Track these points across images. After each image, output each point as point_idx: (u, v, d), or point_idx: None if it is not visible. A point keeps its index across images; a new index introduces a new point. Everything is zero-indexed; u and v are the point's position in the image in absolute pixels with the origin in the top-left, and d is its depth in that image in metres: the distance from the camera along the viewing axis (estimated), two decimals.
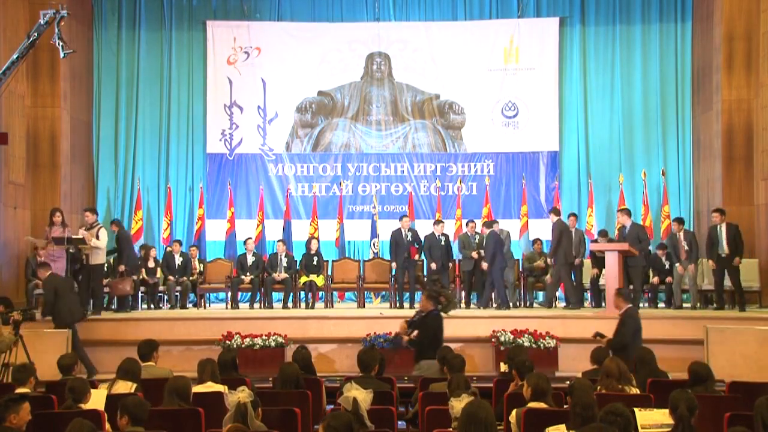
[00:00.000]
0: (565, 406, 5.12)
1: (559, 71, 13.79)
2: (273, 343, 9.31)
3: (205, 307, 12.26)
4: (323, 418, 4.27)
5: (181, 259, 12.01)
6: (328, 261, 12.17)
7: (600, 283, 11.28)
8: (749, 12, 12.00)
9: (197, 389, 5.72)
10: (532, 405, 4.88)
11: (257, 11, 14.07)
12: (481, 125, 13.87)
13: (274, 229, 13.43)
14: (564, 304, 11.96)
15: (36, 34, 8.61)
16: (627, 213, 11.14)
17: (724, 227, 10.77)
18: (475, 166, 13.85)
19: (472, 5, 14.04)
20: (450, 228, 12.70)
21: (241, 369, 7.42)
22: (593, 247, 11.63)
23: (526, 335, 9.34)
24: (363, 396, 4.78)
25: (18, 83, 11.15)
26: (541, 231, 13.11)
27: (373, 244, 13.22)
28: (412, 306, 11.34)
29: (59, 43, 8.63)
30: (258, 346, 9.27)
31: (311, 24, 14.04)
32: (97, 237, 10.17)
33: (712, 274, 10.97)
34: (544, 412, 4.82)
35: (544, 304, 11.45)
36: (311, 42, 13.96)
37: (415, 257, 11.54)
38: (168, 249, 12.39)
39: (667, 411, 4.38)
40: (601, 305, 11.21)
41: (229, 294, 11.83)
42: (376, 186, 13.81)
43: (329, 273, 11.94)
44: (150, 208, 13.82)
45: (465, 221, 12.27)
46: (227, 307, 11.89)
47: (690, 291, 11.24)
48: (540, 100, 13.76)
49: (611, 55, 13.82)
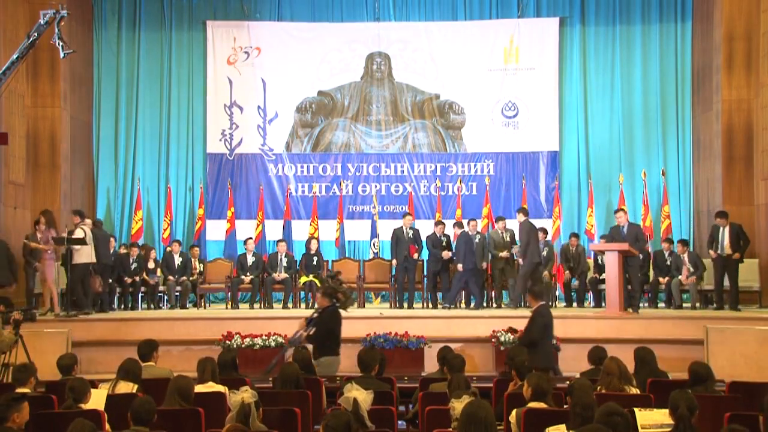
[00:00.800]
0: (565, 406, 5.12)
1: (559, 71, 13.79)
2: (273, 343, 9.30)
3: (205, 307, 12.27)
4: (323, 417, 4.27)
5: (181, 260, 12.01)
6: (328, 261, 12.18)
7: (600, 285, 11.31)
8: (749, 12, 12.00)
9: (197, 389, 5.71)
10: (532, 405, 4.88)
11: (257, 11, 14.07)
12: (481, 125, 13.87)
13: (274, 229, 13.43)
14: (564, 304, 12.00)
15: (36, 34, 8.61)
16: (624, 213, 11.14)
17: (727, 228, 10.83)
18: (475, 166, 13.85)
19: (472, 5, 14.04)
20: (450, 228, 12.69)
21: (241, 369, 7.42)
22: (593, 247, 11.65)
23: None
24: (363, 396, 4.78)
25: (18, 83, 11.15)
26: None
27: (373, 244, 13.23)
28: (411, 306, 11.36)
29: (59, 43, 8.63)
30: (258, 346, 9.26)
31: (311, 24, 14.04)
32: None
33: (713, 270, 10.99)
34: (544, 412, 4.82)
35: (509, 304, 11.16)
36: (311, 42, 13.97)
37: (415, 256, 11.53)
38: (168, 249, 12.39)
39: (667, 411, 4.38)
40: (601, 305, 11.21)
41: (229, 294, 11.84)
42: (376, 186, 13.81)
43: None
44: (150, 208, 13.83)
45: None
46: (227, 307, 11.89)
47: (690, 291, 11.25)
48: (540, 100, 13.76)
49: (611, 55, 13.82)
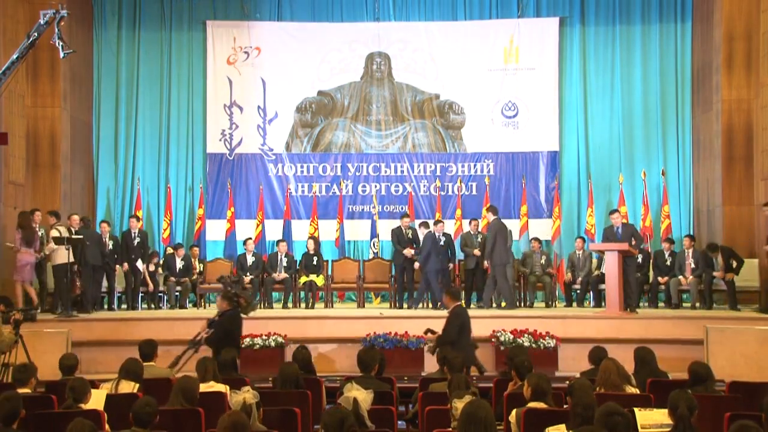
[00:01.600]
0: (565, 406, 5.12)
1: (559, 71, 13.79)
2: (273, 343, 9.31)
3: (205, 307, 12.26)
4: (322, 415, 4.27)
5: (183, 263, 11.99)
6: (328, 261, 12.18)
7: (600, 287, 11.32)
8: (749, 12, 12.00)
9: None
10: (532, 405, 4.88)
11: (257, 11, 14.06)
12: (481, 125, 13.86)
13: (274, 229, 13.43)
14: (565, 303, 12.01)
15: (36, 34, 8.60)
16: (619, 214, 11.15)
17: (719, 257, 11.06)
18: (475, 166, 13.85)
19: (472, 5, 14.04)
20: (450, 228, 12.72)
21: (241, 369, 7.43)
22: (593, 247, 11.66)
23: (526, 335, 9.34)
24: (363, 396, 4.79)
25: (18, 83, 11.15)
26: (542, 231, 13.14)
27: (373, 244, 13.22)
28: (411, 306, 11.35)
29: (59, 43, 8.63)
30: (258, 346, 9.27)
31: (311, 24, 14.04)
32: (49, 239, 10.37)
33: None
34: (544, 412, 4.82)
35: (483, 305, 11.11)
36: (311, 42, 13.96)
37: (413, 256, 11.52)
38: (169, 251, 12.39)
39: (667, 411, 4.38)
40: (601, 305, 11.22)
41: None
42: (376, 186, 13.80)
43: (329, 273, 11.95)
44: (150, 208, 13.82)
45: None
46: None
47: (690, 291, 11.26)
48: (540, 100, 13.75)
49: (611, 55, 13.81)
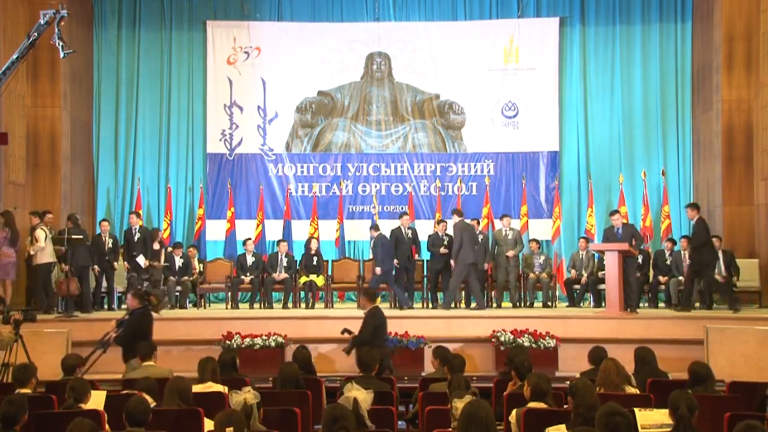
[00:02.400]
0: (565, 406, 5.12)
1: (559, 71, 13.79)
2: (273, 343, 9.31)
3: (205, 307, 12.27)
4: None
5: (183, 261, 11.99)
6: (328, 261, 12.18)
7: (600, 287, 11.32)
8: (749, 12, 12.01)
9: (197, 389, 5.71)
10: (532, 405, 4.88)
11: (257, 11, 14.06)
12: (481, 125, 13.86)
13: (274, 229, 13.43)
14: (567, 303, 12.00)
15: (36, 34, 8.60)
16: (619, 214, 11.15)
17: (720, 254, 11.07)
18: (475, 166, 13.85)
19: (472, 5, 14.04)
20: (450, 228, 12.69)
21: (241, 369, 7.41)
22: (593, 247, 11.66)
23: (526, 335, 9.33)
24: (363, 396, 4.79)
25: (18, 83, 11.15)
26: (542, 231, 13.15)
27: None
28: (411, 306, 11.35)
29: (59, 43, 8.63)
30: (258, 346, 9.26)
31: (311, 24, 14.04)
32: (36, 239, 10.35)
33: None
34: (544, 412, 4.82)
35: (443, 306, 11.04)
36: (311, 42, 13.96)
37: (416, 257, 11.52)
38: (169, 250, 12.39)
39: (667, 411, 4.38)
40: (601, 305, 11.22)
41: (229, 294, 11.84)
42: (376, 186, 13.80)
43: (329, 273, 11.94)
44: (150, 208, 13.82)
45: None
46: (227, 307, 11.90)
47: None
48: (540, 100, 13.75)
49: (611, 55, 13.81)
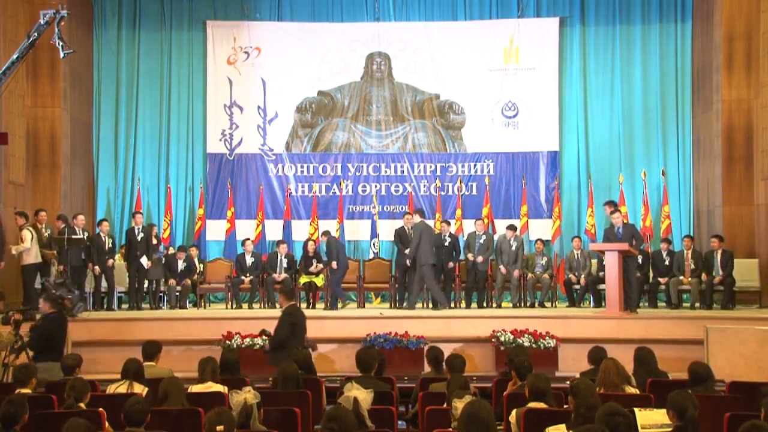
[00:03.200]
0: (566, 406, 5.12)
1: (559, 71, 13.78)
2: None
3: (205, 307, 12.27)
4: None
5: (185, 264, 11.98)
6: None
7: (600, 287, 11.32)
8: (749, 12, 12.00)
9: (197, 389, 5.72)
10: (532, 405, 4.88)
11: (257, 11, 14.06)
12: (481, 125, 13.86)
13: (274, 229, 13.43)
14: (567, 303, 12.00)
15: (36, 34, 8.61)
16: (620, 213, 11.14)
17: (719, 253, 11.10)
18: (475, 166, 13.85)
19: (472, 5, 14.03)
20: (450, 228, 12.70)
21: (241, 369, 7.41)
22: (593, 247, 11.66)
23: (526, 335, 9.33)
24: (364, 396, 4.79)
25: (18, 83, 11.15)
26: (542, 231, 13.14)
27: (373, 244, 13.23)
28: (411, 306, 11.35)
29: (59, 43, 8.64)
30: (258, 346, 9.25)
31: (311, 24, 14.04)
32: (21, 239, 10.37)
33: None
34: (544, 412, 4.82)
35: (406, 306, 11.08)
36: (311, 42, 13.96)
37: None
38: (171, 251, 12.39)
39: (667, 411, 4.38)
40: (601, 305, 11.22)
41: (230, 294, 11.84)
42: (376, 186, 13.80)
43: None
44: (150, 208, 13.82)
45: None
46: (227, 307, 11.89)
47: (690, 291, 11.25)
48: (540, 100, 13.75)
49: (611, 55, 13.81)
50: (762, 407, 4.31)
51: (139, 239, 11.45)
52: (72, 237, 10.51)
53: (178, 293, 11.79)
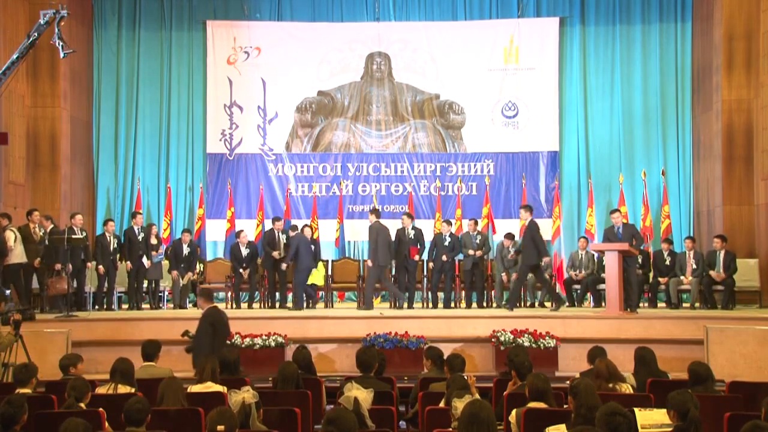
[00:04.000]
0: (566, 406, 5.12)
1: (559, 71, 13.79)
2: (273, 343, 9.30)
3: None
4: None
5: (189, 250, 11.90)
6: (327, 261, 12.17)
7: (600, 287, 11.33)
8: (749, 12, 12.00)
9: (197, 389, 5.72)
10: (532, 405, 4.88)
11: (257, 11, 14.07)
12: (481, 125, 13.87)
13: None
14: (567, 303, 12.00)
15: (36, 34, 8.61)
16: (620, 213, 11.16)
17: (722, 253, 11.08)
18: (475, 166, 13.85)
19: (472, 5, 14.04)
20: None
21: (242, 369, 7.41)
22: (594, 247, 11.66)
23: (526, 335, 9.32)
24: (364, 395, 4.79)
25: (18, 83, 11.16)
26: (542, 231, 13.03)
27: None
28: (411, 306, 11.36)
29: (59, 43, 8.64)
30: (258, 346, 9.26)
31: (311, 24, 14.04)
32: (5, 240, 10.35)
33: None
34: (544, 412, 4.82)
35: (361, 307, 11.10)
36: (311, 42, 13.96)
37: (415, 257, 11.47)
38: (177, 238, 12.35)
39: (667, 411, 4.38)
40: (601, 305, 11.22)
41: (230, 294, 11.81)
42: (376, 186, 13.80)
43: (329, 273, 11.94)
44: (150, 208, 13.83)
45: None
46: (227, 307, 11.88)
47: (690, 291, 11.25)
48: (540, 100, 13.75)
49: (611, 55, 13.82)
50: (762, 407, 4.31)
51: (140, 239, 11.44)
52: (72, 237, 10.50)
53: (183, 284, 11.69)
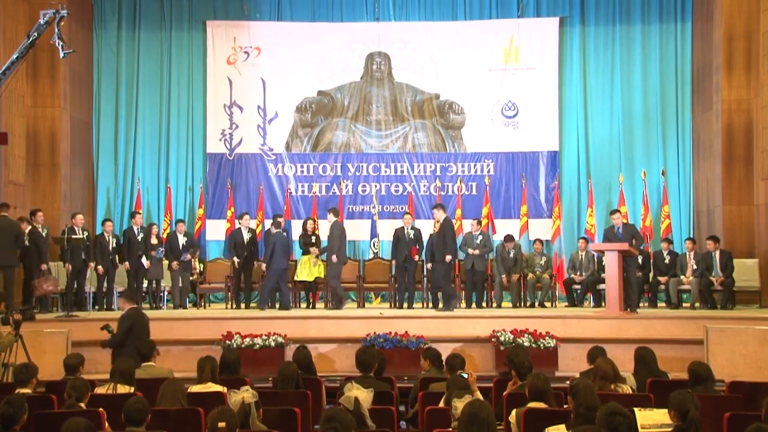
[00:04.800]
0: (566, 406, 5.12)
1: (559, 71, 13.79)
2: (273, 343, 9.31)
3: (205, 307, 12.27)
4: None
5: (186, 239, 11.83)
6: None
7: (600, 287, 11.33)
8: (749, 12, 12.00)
9: (196, 389, 5.72)
10: (532, 405, 4.88)
11: (257, 11, 14.07)
12: (481, 125, 13.87)
13: None
14: (566, 303, 12.01)
15: (36, 34, 8.61)
16: (620, 214, 11.16)
17: (717, 254, 11.10)
18: (475, 166, 13.85)
19: (472, 5, 14.04)
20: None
21: (241, 369, 7.42)
22: (594, 247, 11.66)
23: (525, 335, 9.33)
24: (365, 395, 4.79)
25: (18, 83, 11.15)
26: (542, 231, 13.14)
27: (373, 244, 13.23)
28: (411, 306, 11.36)
29: (59, 43, 8.64)
30: (258, 346, 9.27)
31: (311, 24, 14.04)
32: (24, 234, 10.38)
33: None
34: (544, 412, 4.82)
35: (330, 306, 11.14)
36: (311, 42, 13.96)
37: (415, 257, 11.48)
38: (170, 230, 12.31)
39: (666, 411, 4.38)
40: (601, 305, 11.22)
41: (230, 294, 11.81)
42: (376, 186, 13.80)
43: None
44: (150, 208, 13.83)
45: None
46: (227, 307, 11.89)
47: (690, 291, 11.25)
48: (540, 100, 13.75)
49: (611, 55, 13.82)
50: (762, 407, 4.31)
51: (139, 239, 11.43)
52: (72, 237, 10.50)
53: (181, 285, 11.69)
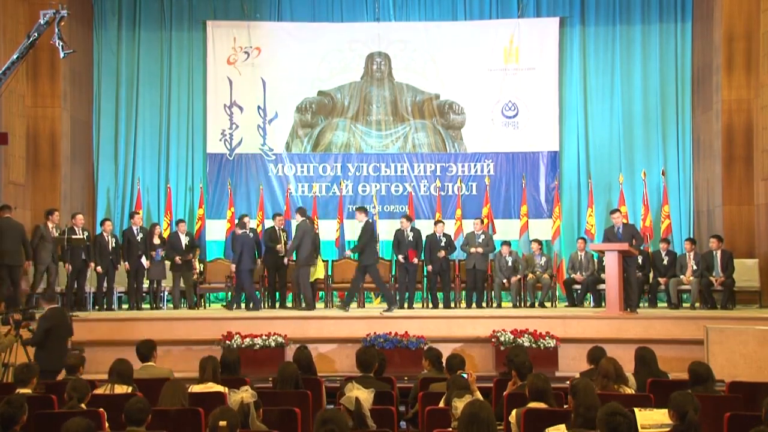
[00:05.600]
0: (566, 406, 5.12)
1: (559, 71, 13.78)
2: (273, 343, 9.31)
3: (205, 307, 12.27)
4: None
5: (188, 239, 11.86)
6: (327, 261, 12.18)
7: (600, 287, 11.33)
8: (749, 12, 12.00)
9: (197, 389, 5.72)
10: (532, 405, 4.88)
11: (257, 11, 14.06)
12: (481, 125, 13.86)
13: None
14: (566, 303, 12.01)
15: (36, 34, 8.61)
16: (620, 213, 11.16)
17: (719, 253, 11.10)
18: (475, 166, 13.85)
19: (472, 5, 14.04)
20: (450, 228, 12.69)
21: (242, 369, 7.42)
22: (593, 247, 11.66)
23: (526, 335, 9.33)
24: (365, 396, 4.79)
25: (18, 83, 11.15)
26: (542, 231, 13.13)
27: None
28: (411, 306, 11.36)
29: (59, 43, 8.63)
30: (258, 346, 9.27)
31: (311, 24, 14.04)
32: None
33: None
34: (544, 412, 4.82)
35: (303, 308, 11.07)
36: (311, 42, 13.96)
37: (414, 260, 11.42)
38: (172, 230, 12.32)
39: (667, 411, 4.38)
40: (601, 305, 11.22)
41: (230, 294, 11.82)
42: (376, 186, 13.80)
43: (329, 273, 11.94)
44: (150, 208, 13.82)
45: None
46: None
47: (690, 291, 11.25)
48: (540, 100, 13.75)
49: (611, 55, 13.81)
50: (762, 407, 4.31)
51: (138, 239, 11.43)
52: (72, 237, 10.50)
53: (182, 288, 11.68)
